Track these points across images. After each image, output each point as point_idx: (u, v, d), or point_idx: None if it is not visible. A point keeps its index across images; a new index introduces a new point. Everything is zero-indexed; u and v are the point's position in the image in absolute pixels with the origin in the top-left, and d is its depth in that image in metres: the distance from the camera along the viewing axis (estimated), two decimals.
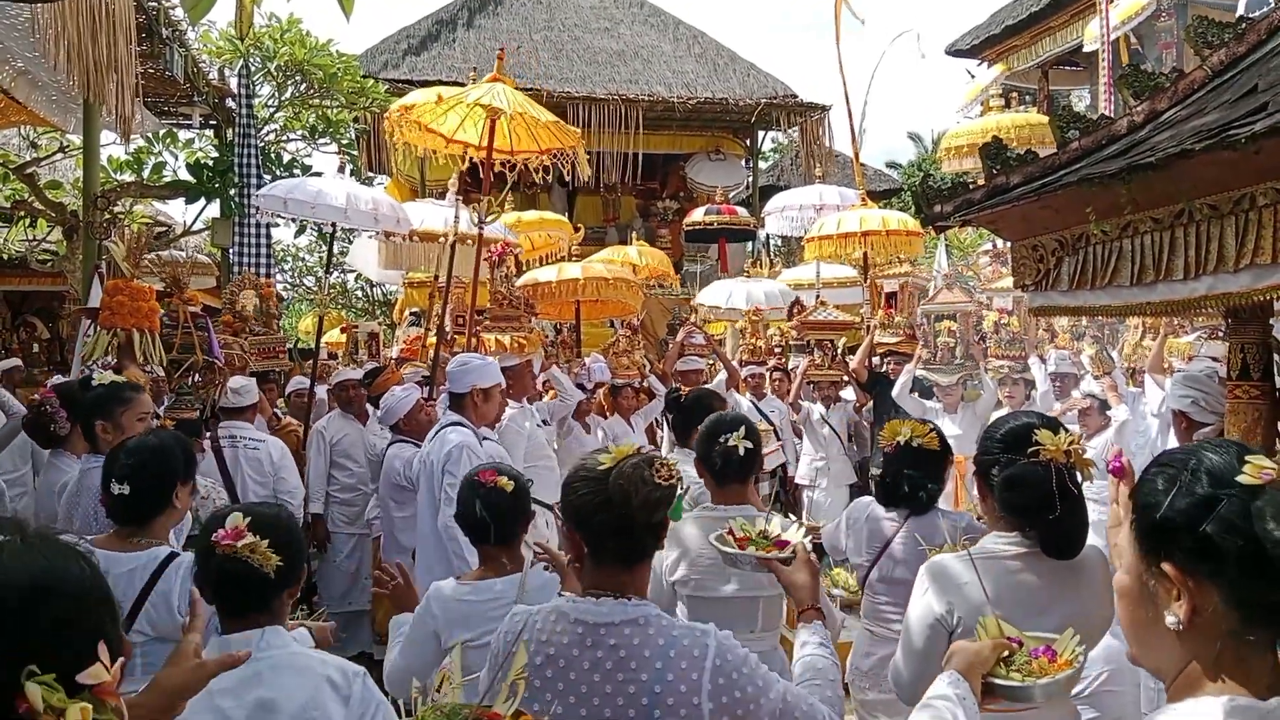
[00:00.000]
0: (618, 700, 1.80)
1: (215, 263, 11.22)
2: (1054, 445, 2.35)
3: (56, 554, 1.19)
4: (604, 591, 1.90)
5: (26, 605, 1.11)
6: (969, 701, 1.78)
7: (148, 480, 2.75)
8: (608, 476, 1.90)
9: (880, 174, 22.48)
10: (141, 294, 4.40)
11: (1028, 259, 2.94)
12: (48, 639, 1.11)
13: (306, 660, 2.17)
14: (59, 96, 8.23)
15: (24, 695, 1.06)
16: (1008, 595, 2.39)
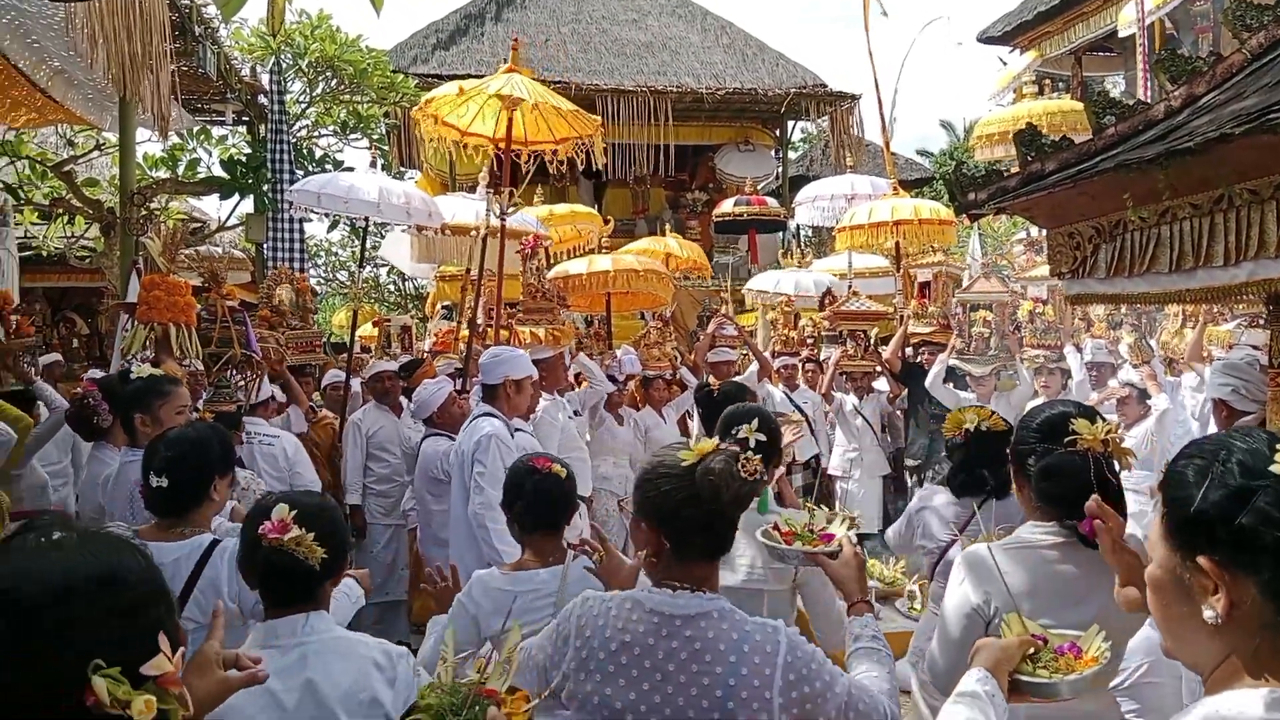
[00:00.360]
0: (691, 690, 1.83)
1: (249, 258, 11.33)
2: (1091, 434, 2.32)
3: (114, 548, 1.21)
4: (681, 584, 1.93)
5: (90, 599, 1.13)
6: (998, 698, 1.79)
7: (186, 473, 2.78)
8: (693, 473, 1.91)
9: (912, 163, 22.31)
10: (178, 289, 4.45)
11: (1064, 246, 2.91)
12: (111, 632, 1.13)
13: (351, 644, 2.21)
14: (95, 95, 8.34)
15: (91, 689, 1.08)
16: (1044, 585, 2.38)
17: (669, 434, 7.58)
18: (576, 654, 1.93)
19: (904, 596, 4.57)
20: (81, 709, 1.09)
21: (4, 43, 6.78)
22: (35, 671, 1.09)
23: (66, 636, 1.10)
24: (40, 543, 1.18)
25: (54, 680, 1.09)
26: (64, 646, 1.10)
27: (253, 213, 10.31)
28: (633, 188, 17.20)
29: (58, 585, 1.12)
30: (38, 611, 1.10)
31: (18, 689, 1.09)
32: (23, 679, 1.09)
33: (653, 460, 2.02)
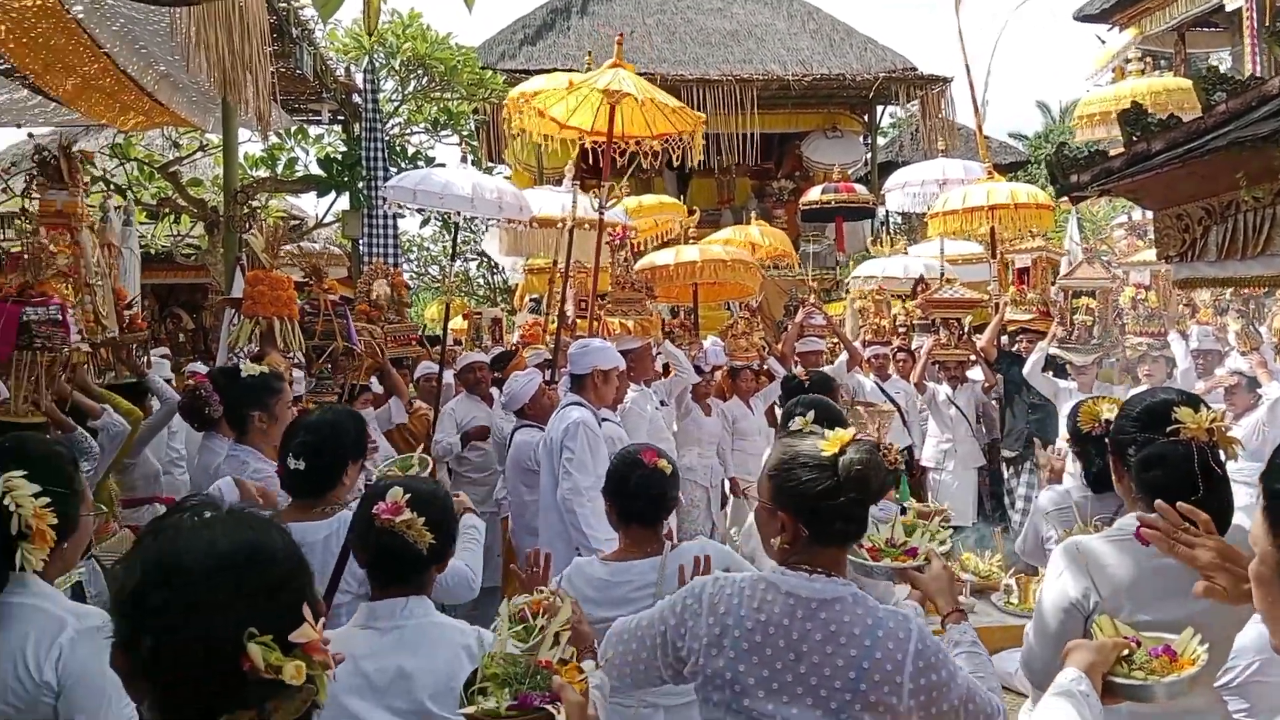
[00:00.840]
0: (825, 670, 1.90)
1: (346, 253, 11.65)
2: (1195, 423, 2.24)
3: (259, 526, 1.31)
4: (816, 569, 1.98)
5: (241, 573, 1.22)
6: (1093, 699, 1.78)
7: (323, 456, 2.89)
8: (836, 462, 1.96)
9: (1005, 146, 21.73)
10: (281, 283, 4.61)
11: (1172, 229, 2.80)
12: (263, 603, 1.21)
13: (445, 631, 2.24)
14: (198, 98, 8.65)
15: (247, 655, 1.16)
16: (1145, 579, 2.31)
17: (756, 425, 7.55)
18: (709, 630, 1.98)
19: (1000, 590, 4.48)
20: (237, 674, 1.17)
21: (114, 49, 7.08)
22: (195, 640, 1.17)
23: (222, 607, 1.19)
24: (194, 521, 1.27)
25: (212, 647, 1.17)
26: (220, 616, 1.18)
27: (348, 209, 10.60)
28: (718, 178, 17.13)
29: (213, 560, 1.21)
30: (197, 583, 1.19)
31: (179, 656, 1.17)
32: (183, 647, 1.17)
33: (786, 450, 2.05)
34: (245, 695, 1.18)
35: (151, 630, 1.18)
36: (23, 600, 2.09)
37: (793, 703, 1.91)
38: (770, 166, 17.84)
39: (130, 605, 1.21)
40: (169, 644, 1.17)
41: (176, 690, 1.19)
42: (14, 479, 2.07)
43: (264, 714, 1.19)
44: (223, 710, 1.18)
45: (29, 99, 8.41)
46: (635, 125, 6.57)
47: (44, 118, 9.23)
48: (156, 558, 1.23)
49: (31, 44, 6.66)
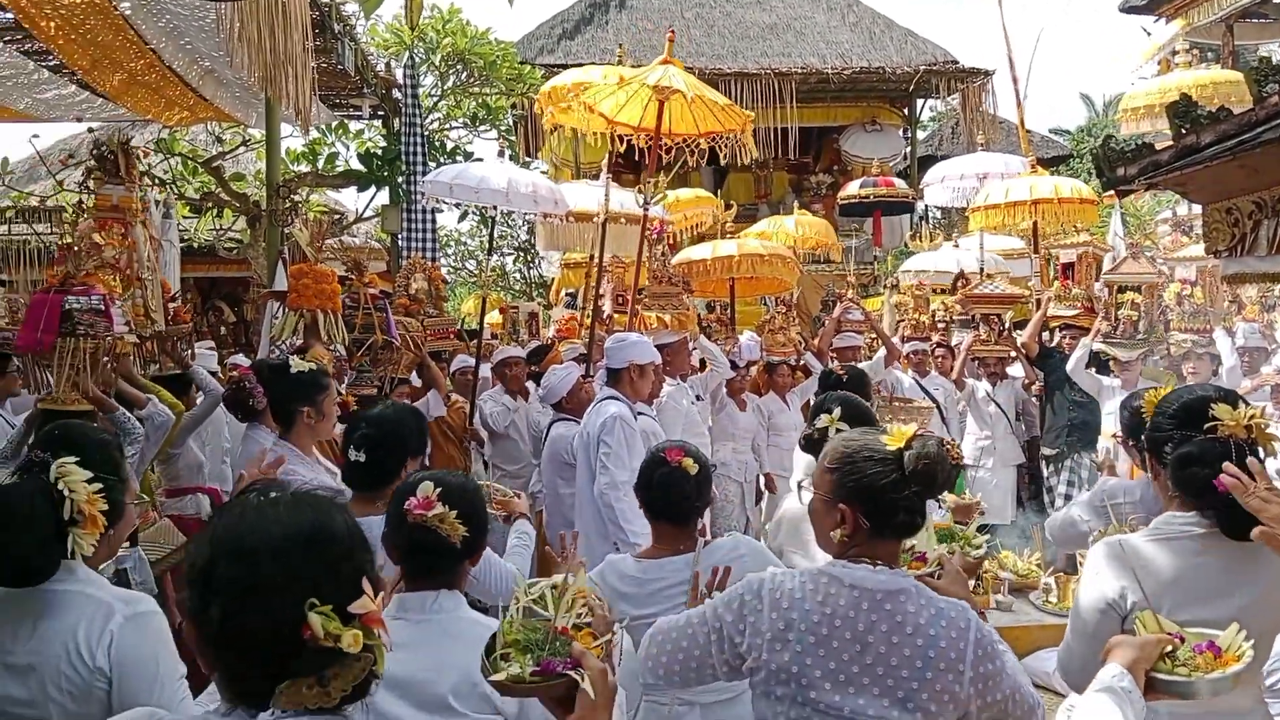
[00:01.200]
0: (891, 660, 1.94)
1: (385, 248, 11.74)
2: (1233, 420, 2.22)
3: (322, 506, 1.41)
4: (877, 561, 2.02)
5: (305, 548, 1.32)
6: (1135, 695, 1.78)
7: (385, 451, 2.92)
8: (901, 457, 2.00)
9: (1047, 140, 21.44)
10: (325, 277, 4.66)
11: (1221, 223, 2.75)
12: (323, 577, 1.31)
13: (473, 627, 2.21)
14: (241, 93, 8.76)
15: (308, 624, 1.26)
16: (1184, 578, 2.28)
17: (792, 420, 7.51)
18: (772, 625, 1.99)
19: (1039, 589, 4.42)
20: (298, 643, 1.26)
21: (160, 44, 7.19)
22: (259, 611, 1.27)
23: (285, 580, 1.28)
24: (260, 501, 1.38)
25: (275, 618, 1.27)
26: (283, 589, 1.28)
27: (388, 204, 10.68)
28: (755, 172, 17.05)
29: (277, 537, 1.32)
30: (261, 559, 1.29)
31: (245, 627, 1.27)
32: (249, 618, 1.27)
33: (847, 444, 2.08)
34: (306, 663, 1.27)
35: (220, 603, 1.28)
36: (69, 588, 2.11)
37: (859, 693, 1.94)
38: (808, 161, 17.72)
39: (201, 580, 1.30)
40: (235, 616, 1.27)
41: (242, 659, 1.29)
42: (67, 464, 2.10)
43: (323, 681, 1.27)
44: (285, 677, 1.27)
45: (77, 94, 8.56)
46: (684, 123, 6.56)
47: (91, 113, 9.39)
48: (225, 535, 1.33)
49: (80, 40, 6.77)
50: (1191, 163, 2.66)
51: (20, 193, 11.43)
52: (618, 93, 6.43)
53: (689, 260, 8.16)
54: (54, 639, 2.06)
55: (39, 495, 2.07)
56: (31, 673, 2.05)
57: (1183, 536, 2.31)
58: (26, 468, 2.20)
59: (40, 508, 2.05)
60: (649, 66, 6.34)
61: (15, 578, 2.07)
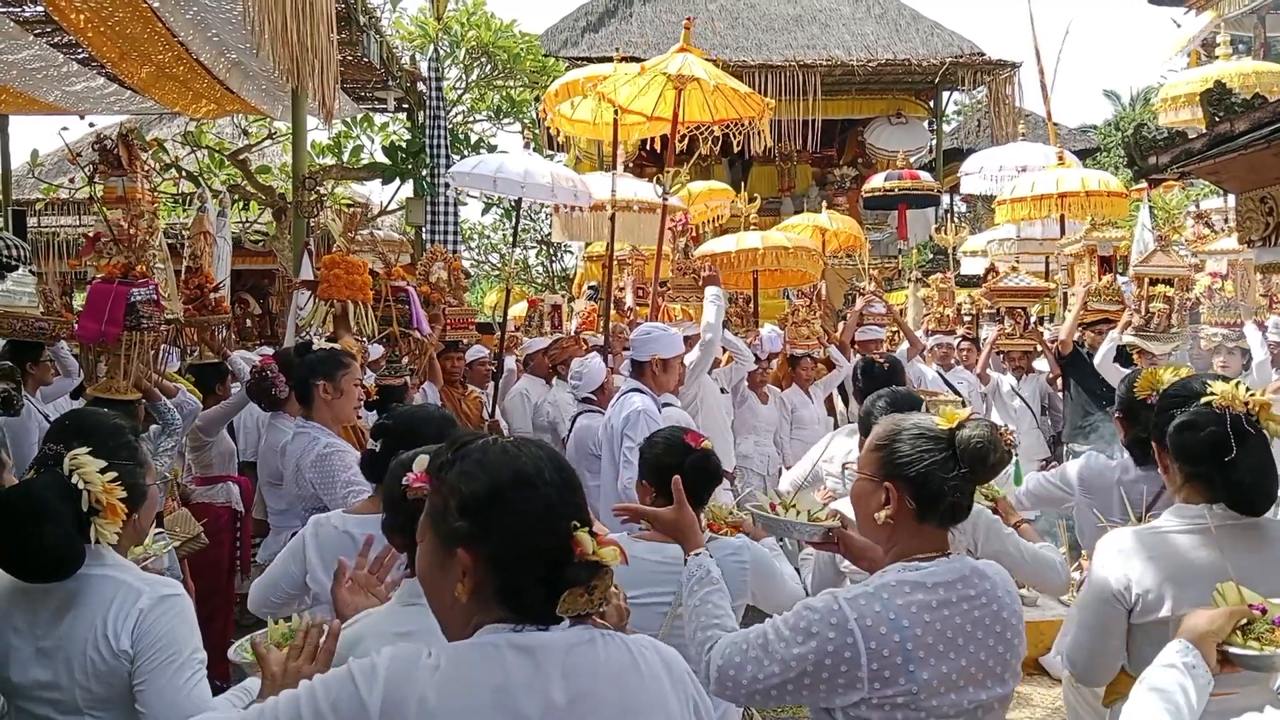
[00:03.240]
0: (989, 641, 1.93)
1: (410, 241, 11.79)
2: (1227, 395, 2.25)
3: (554, 450, 1.57)
4: (931, 553, 1.98)
5: (562, 477, 1.49)
6: (1199, 671, 1.73)
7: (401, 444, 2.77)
8: (953, 437, 1.96)
9: (1074, 134, 21.24)
10: (356, 268, 4.69)
11: (1255, 212, 2.71)
12: (577, 502, 1.49)
13: None
14: (268, 86, 8.82)
15: (577, 540, 1.43)
16: (1191, 570, 2.27)
17: (815, 414, 7.49)
18: (874, 656, 1.85)
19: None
20: (570, 558, 1.43)
21: (188, 36, 7.24)
22: (548, 528, 1.44)
23: (563, 502, 1.47)
24: (507, 442, 1.54)
25: (560, 534, 1.44)
26: (563, 510, 1.45)
27: (412, 197, 10.71)
28: (779, 165, 16.99)
29: (547, 467, 1.48)
30: (543, 485, 1.46)
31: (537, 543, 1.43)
32: (542, 535, 1.44)
33: (901, 424, 2.02)
34: (577, 574, 1.44)
35: (510, 524, 1.43)
36: (98, 573, 2.13)
37: (975, 687, 1.91)
38: (832, 153, 17.64)
39: (485, 507, 1.44)
40: (528, 535, 1.43)
41: (527, 574, 1.43)
42: (80, 456, 2.10)
43: (590, 591, 1.45)
44: (563, 588, 1.43)
45: (105, 87, 8.65)
46: (702, 111, 6.54)
47: (120, 106, 9.49)
48: (501, 467, 1.46)
49: (109, 32, 6.84)
50: (1225, 151, 2.63)
51: (50, 185, 11.56)
52: (635, 80, 6.42)
53: (713, 253, 8.13)
54: (81, 623, 2.09)
55: (55, 489, 2.07)
56: (59, 655, 2.08)
57: (1192, 529, 2.31)
58: (41, 462, 2.21)
59: (58, 502, 2.05)
60: (666, 55, 6.33)
61: (44, 573, 2.09)
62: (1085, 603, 2.43)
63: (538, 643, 1.44)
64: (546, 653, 1.43)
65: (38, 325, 4.48)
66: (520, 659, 1.42)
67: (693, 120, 6.60)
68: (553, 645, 1.44)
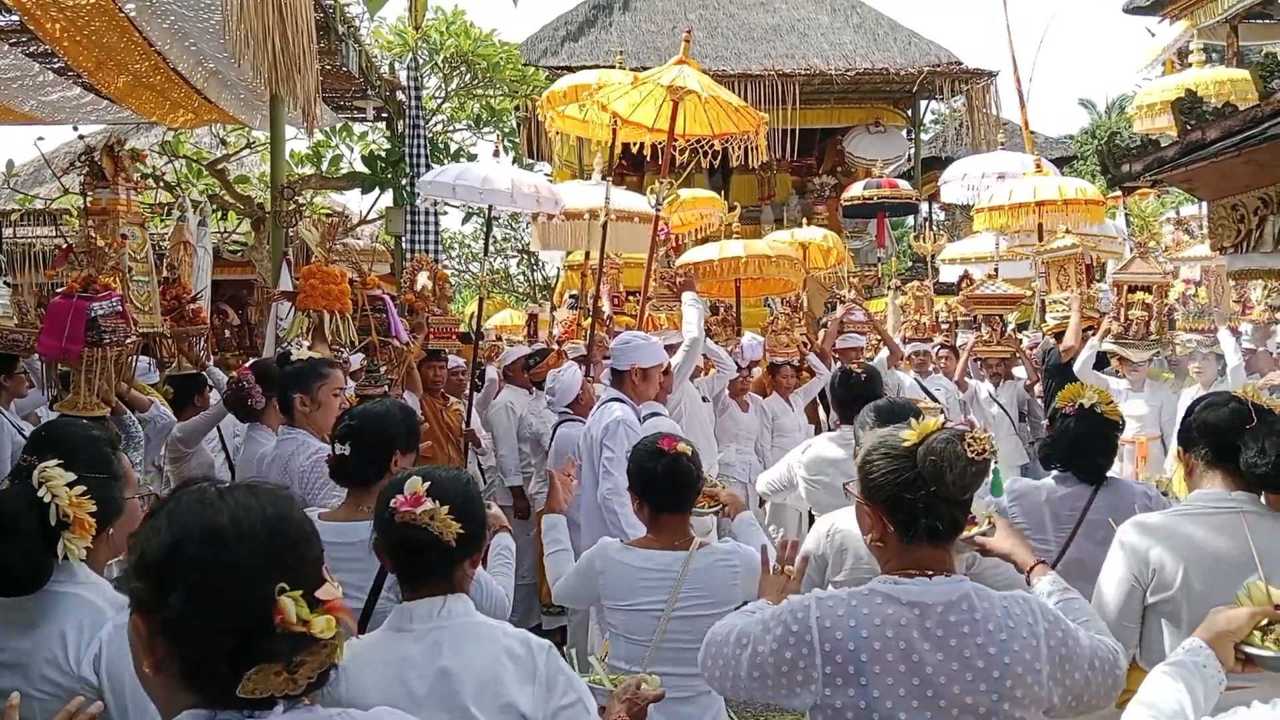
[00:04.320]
0: (966, 675, 1.80)
1: (389, 250, 11.74)
2: (1249, 390, 2.39)
3: (279, 494, 1.37)
4: (921, 571, 1.87)
5: (274, 532, 1.29)
6: (1209, 670, 1.73)
7: (368, 445, 2.79)
8: (914, 453, 1.85)
9: (1051, 141, 21.42)
10: (333, 278, 4.66)
11: (1226, 219, 2.75)
12: (291, 562, 1.27)
13: (488, 630, 2.08)
14: (246, 95, 8.78)
15: (279, 608, 1.22)
16: (1209, 555, 2.33)
17: (796, 421, 7.50)
18: (828, 659, 1.83)
19: None
20: (267, 628, 1.22)
21: (165, 46, 7.20)
22: (229, 594, 1.23)
23: (257, 561, 1.25)
24: (217, 488, 1.34)
25: (248, 600, 1.22)
26: (254, 571, 1.24)
27: (391, 206, 10.69)
28: (758, 174, 17.05)
29: (246, 519, 1.28)
30: (230, 541, 1.25)
31: (213, 611, 1.23)
32: (221, 600, 1.23)
33: (874, 441, 1.96)
34: (275, 649, 1.22)
35: (185, 586, 1.22)
36: (66, 589, 2.08)
37: (936, 716, 1.80)
38: (811, 162, 17.72)
39: (162, 565, 1.25)
40: (203, 599, 1.22)
41: (206, 646, 1.23)
42: (49, 469, 2.04)
43: (291, 668, 1.23)
44: (252, 664, 1.22)
45: (81, 96, 8.58)
46: (697, 124, 6.56)
47: (96, 115, 9.42)
48: (188, 518, 1.28)
49: (85, 41, 6.79)
50: (1197, 159, 2.66)
51: (25, 195, 11.46)
52: (632, 93, 6.43)
53: (695, 261, 8.15)
54: (42, 642, 2.03)
55: (22, 502, 2.01)
56: (18, 670, 2.02)
57: (1212, 513, 2.37)
58: (16, 474, 2.17)
59: (23, 516, 2.00)
60: (664, 67, 6.35)
61: (7, 587, 2.03)
62: (1102, 588, 2.49)
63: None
64: None
65: (11, 337, 4.42)
66: None
67: (691, 134, 6.62)
68: None
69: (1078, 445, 3.09)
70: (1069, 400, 3.18)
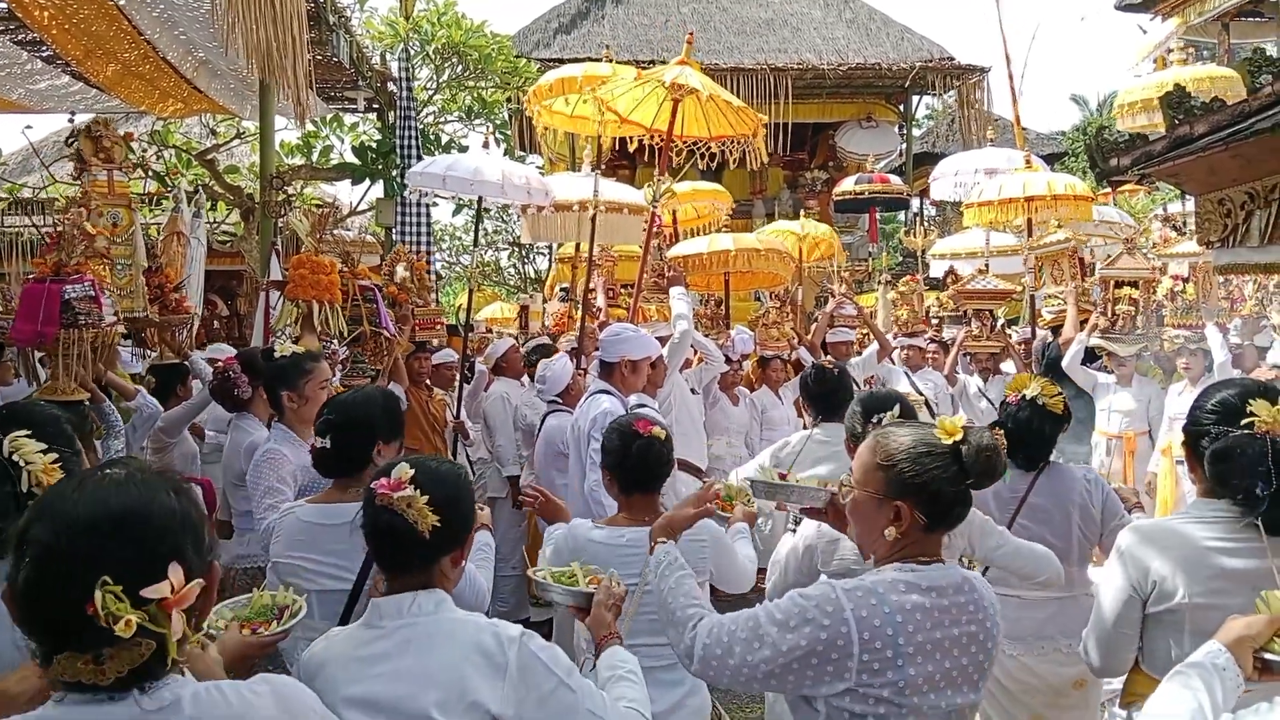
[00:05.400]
0: (971, 648, 1.99)
1: (380, 242, 11.71)
2: (1271, 416, 2.24)
3: (149, 486, 1.41)
4: (931, 558, 2.04)
5: (116, 527, 1.33)
6: (1229, 673, 1.74)
7: (350, 435, 2.79)
8: (956, 450, 2.00)
9: (1043, 138, 21.45)
10: (322, 268, 4.64)
11: (1214, 214, 2.75)
12: (128, 557, 1.32)
13: (459, 628, 1.99)
14: (236, 85, 8.73)
15: (91, 601, 1.27)
16: (1207, 564, 2.31)
17: (785, 415, 7.52)
18: (866, 647, 1.90)
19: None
20: (83, 617, 1.28)
21: (154, 35, 7.16)
22: (56, 578, 1.30)
23: (86, 553, 1.31)
24: (96, 475, 1.41)
25: (68, 588, 1.29)
26: (83, 561, 1.30)
27: (382, 198, 10.65)
28: (750, 168, 17.04)
29: (89, 511, 1.34)
30: (64, 529, 1.32)
31: (41, 591, 1.30)
32: (46, 583, 1.30)
33: (898, 440, 2.04)
34: (84, 638, 1.29)
35: (25, 567, 1.30)
36: None
37: (950, 688, 1.96)
38: (803, 157, 17.73)
39: (17, 542, 1.33)
40: (34, 580, 1.30)
41: (33, 621, 1.32)
42: (19, 437, 2.03)
43: (99, 659, 1.29)
44: (66, 648, 1.30)
45: (70, 85, 8.53)
46: (696, 124, 6.56)
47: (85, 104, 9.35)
48: (48, 501, 1.37)
49: (74, 30, 6.75)
50: (1185, 153, 2.66)
51: (14, 184, 11.39)
52: (634, 90, 6.43)
53: (685, 254, 8.15)
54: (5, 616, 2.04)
55: None
56: None
57: (1209, 521, 2.35)
58: None
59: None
60: (666, 66, 6.35)
61: None
62: (1101, 595, 2.49)
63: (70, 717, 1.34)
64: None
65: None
66: None
67: (689, 135, 6.61)
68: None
69: (1017, 434, 3.19)
70: (1015, 391, 3.40)
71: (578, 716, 1.96)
